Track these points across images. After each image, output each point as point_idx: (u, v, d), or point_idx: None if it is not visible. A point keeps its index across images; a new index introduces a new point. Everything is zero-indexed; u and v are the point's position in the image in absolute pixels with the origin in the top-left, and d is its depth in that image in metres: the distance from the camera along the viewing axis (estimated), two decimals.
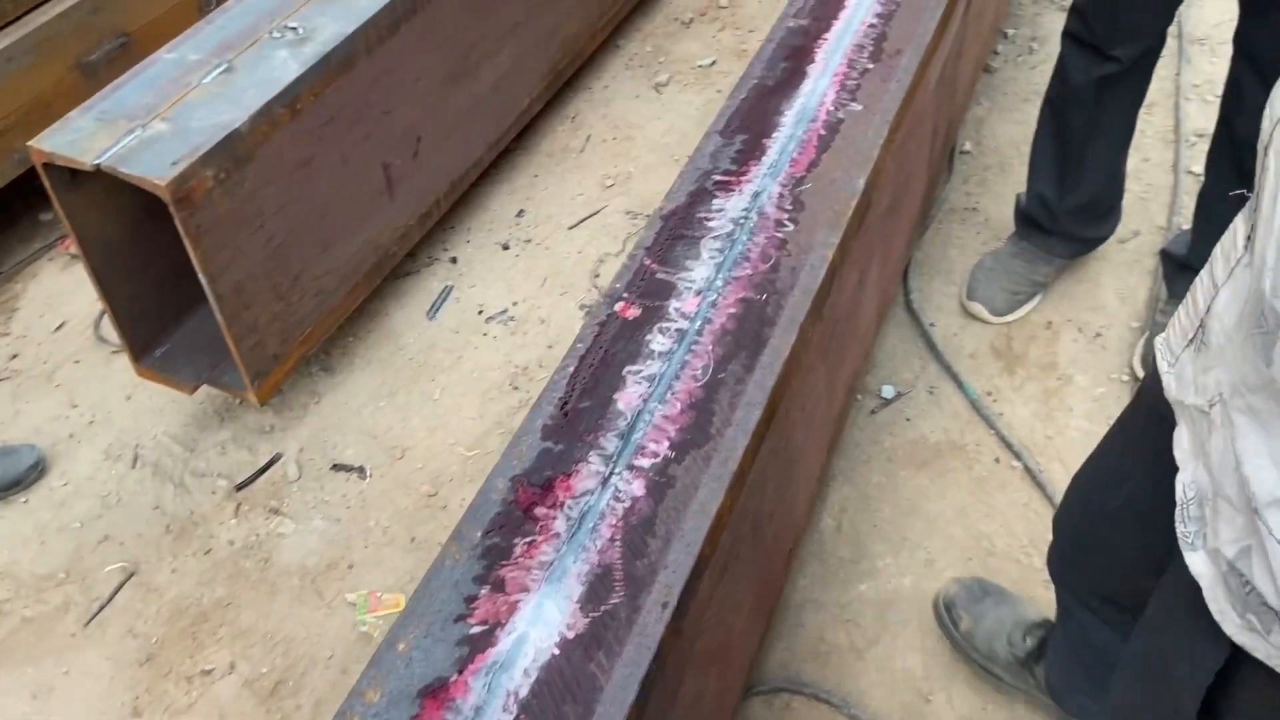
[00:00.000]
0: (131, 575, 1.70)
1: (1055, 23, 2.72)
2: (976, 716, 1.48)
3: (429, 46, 1.91)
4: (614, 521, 0.99)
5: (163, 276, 1.75)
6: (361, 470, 1.84)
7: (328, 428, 1.91)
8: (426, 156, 2.03)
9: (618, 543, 0.97)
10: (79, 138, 1.47)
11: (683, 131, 2.52)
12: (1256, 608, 0.69)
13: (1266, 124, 0.74)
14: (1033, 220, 2.01)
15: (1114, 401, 1.85)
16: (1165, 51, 1.84)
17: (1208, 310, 0.82)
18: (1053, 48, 2.65)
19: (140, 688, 1.56)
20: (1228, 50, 2.61)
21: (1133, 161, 2.31)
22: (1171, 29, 1.88)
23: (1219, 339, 0.79)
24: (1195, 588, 0.76)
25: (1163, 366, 0.88)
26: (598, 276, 2.18)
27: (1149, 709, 0.92)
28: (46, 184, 1.51)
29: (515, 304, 2.14)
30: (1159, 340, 0.88)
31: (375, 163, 1.88)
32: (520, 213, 2.35)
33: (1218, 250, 0.84)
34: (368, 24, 1.71)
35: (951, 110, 2.13)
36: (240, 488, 1.82)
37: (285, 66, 1.61)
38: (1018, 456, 1.79)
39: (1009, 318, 2.03)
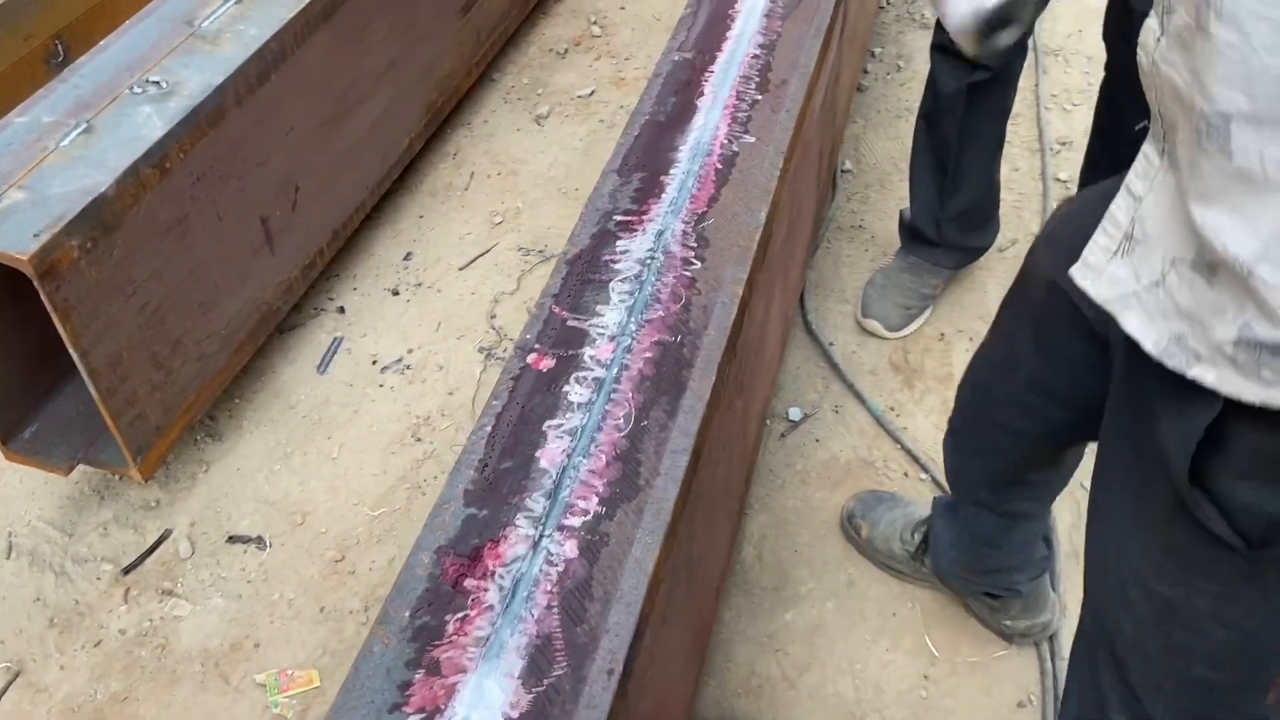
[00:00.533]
0: (16, 676, 1.57)
1: (919, 40, 2.82)
2: None
3: (301, 93, 1.84)
4: (549, 587, 0.95)
5: (27, 352, 1.63)
6: (260, 540, 1.74)
7: (220, 498, 1.81)
8: (306, 206, 1.95)
9: (555, 610, 0.93)
10: None
11: (568, 164, 2.50)
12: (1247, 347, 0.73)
13: (1143, 57, 0.80)
14: (918, 233, 2.07)
15: None
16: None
17: (1132, 220, 0.85)
18: (918, 65, 2.74)
19: None
20: (1080, 61, 2.76)
21: (1003, 171, 2.40)
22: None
23: (1153, 229, 0.82)
24: (1160, 374, 0.81)
25: (1086, 286, 0.90)
26: (494, 317, 2.14)
27: (1137, 512, 0.93)
28: None
29: (410, 351, 2.07)
30: (1075, 270, 0.90)
31: (252, 217, 1.79)
32: (408, 256, 2.28)
33: (1130, 178, 0.87)
34: (236, 74, 1.63)
35: (834, 132, 2.17)
36: (128, 571, 1.70)
37: (150, 124, 1.52)
38: (925, 469, 1.82)
39: (904, 332, 2.08)
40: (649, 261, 1.28)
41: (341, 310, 2.16)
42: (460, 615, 0.93)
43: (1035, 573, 1.50)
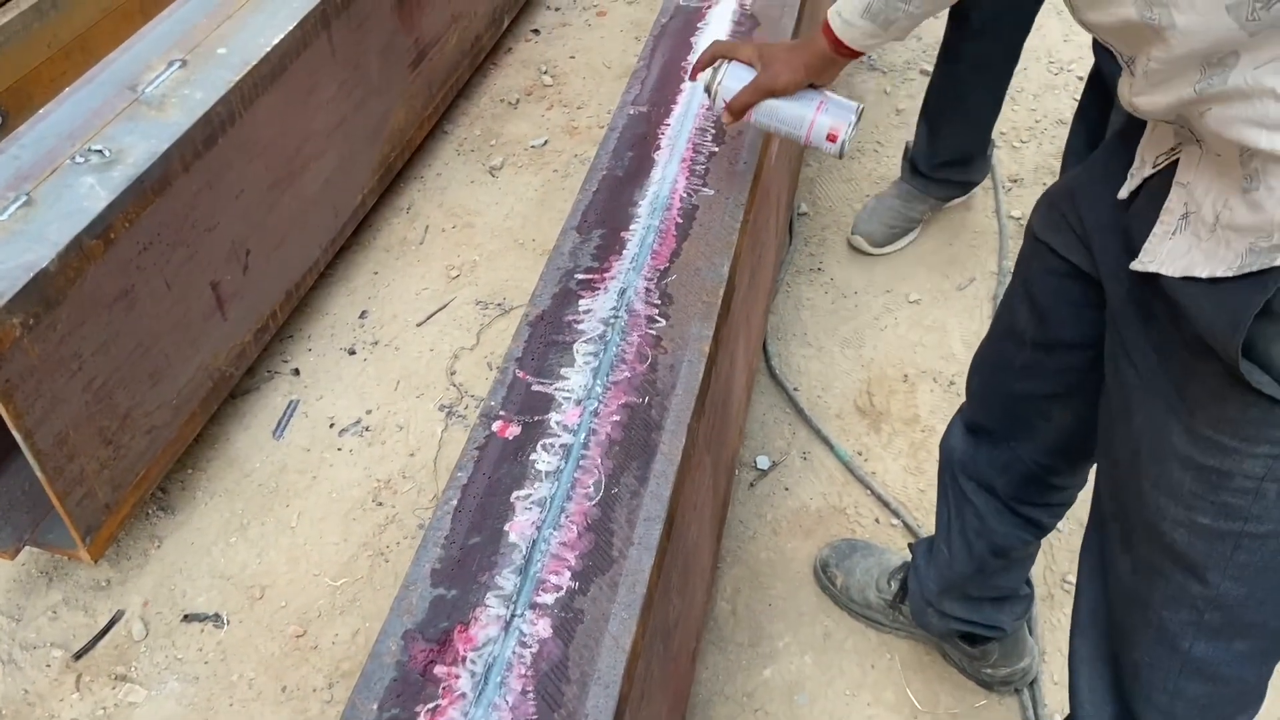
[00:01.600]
0: None
1: (869, 82, 2.85)
2: None
3: (250, 155, 1.80)
4: (523, 671, 0.91)
5: None
6: (217, 618, 1.68)
7: (174, 574, 1.74)
8: (258, 268, 1.91)
9: (531, 695, 0.90)
10: None
11: (523, 215, 2.48)
12: None
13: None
14: (914, 166, 2.29)
15: None
16: None
17: (1185, 202, 0.89)
18: (868, 107, 2.77)
19: None
20: (1027, 99, 2.80)
21: (959, 213, 2.43)
22: None
23: (1202, 194, 0.87)
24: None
25: (1155, 270, 0.92)
26: (454, 374, 2.10)
27: (1178, 400, 0.95)
28: None
29: (369, 412, 2.03)
30: (1136, 265, 0.93)
31: (202, 283, 1.75)
32: (363, 314, 2.24)
33: (1179, 174, 0.90)
34: (181, 140, 1.59)
35: (790, 177, 2.17)
36: (79, 656, 1.63)
37: (93, 194, 1.47)
38: (896, 514, 1.81)
39: (887, 249, 2.33)
40: (613, 321, 1.26)
41: (296, 372, 2.11)
42: (431, 705, 0.89)
43: (1019, 612, 1.49)
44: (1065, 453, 1.31)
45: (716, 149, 1.52)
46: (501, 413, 1.15)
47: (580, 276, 1.33)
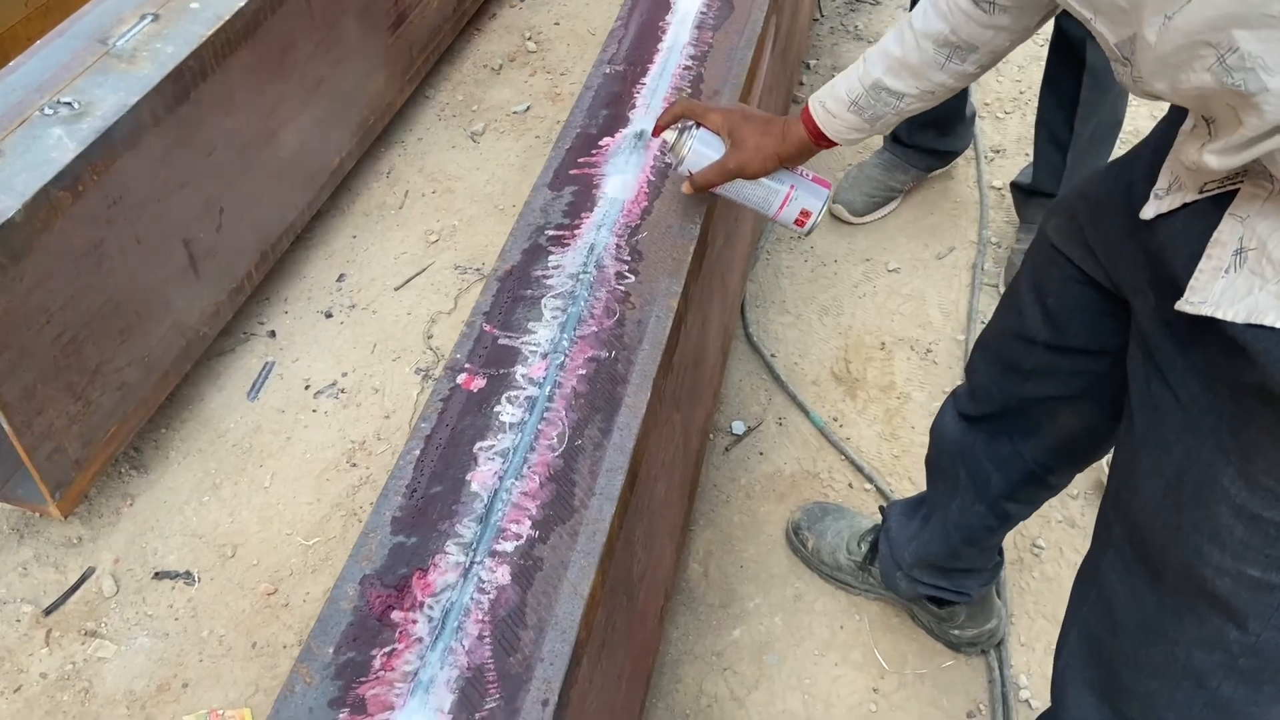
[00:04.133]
0: None
1: (854, 51, 2.84)
2: None
3: (223, 112, 1.78)
4: (481, 616, 0.91)
5: None
6: (188, 575, 1.67)
7: (145, 532, 1.74)
8: (232, 228, 1.89)
9: (487, 640, 0.90)
10: None
11: (504, 180, 2.47)
12: None
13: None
14: (895, 135, 2.29)
15: None
16: None
17: (1240, 237, 0.82)
18: None
19: None
20: (1011, 70, 2.79)
21: (940, 182, 2.42)
22: None
23: (1264, 228, 0.80)
24: None
25: (1210, 313, 0.85)
26: (431, 338, 2.09)
27: (1223, 425, 0.89)
28: None
29: (344, 375, 2.02)
30: (1183, 305, 0.85)
31: (174, 240, 1.73)
32: (341, 277, 2.23)
33: (1235, 207, 0.83)
34: (151, 94, 1.58)
35: None
36: (49, 612, 1.62)
37: (61, 146, 1.46)
38: (870, 479, 1.81)
39: (867, 218, 2.33)
40: (581, 276, 1.25)
41: (272, 334, 2.10)
42: (388, 649, 0.89)
43: (988, 579, 1.49)
44: (1069, 455, 1.29)
45: None
46: (467, 365, 1.15)
47: (551, 233, 1.32)
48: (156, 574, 1.67)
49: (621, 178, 1.39)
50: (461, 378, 1.14)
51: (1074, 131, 2.01)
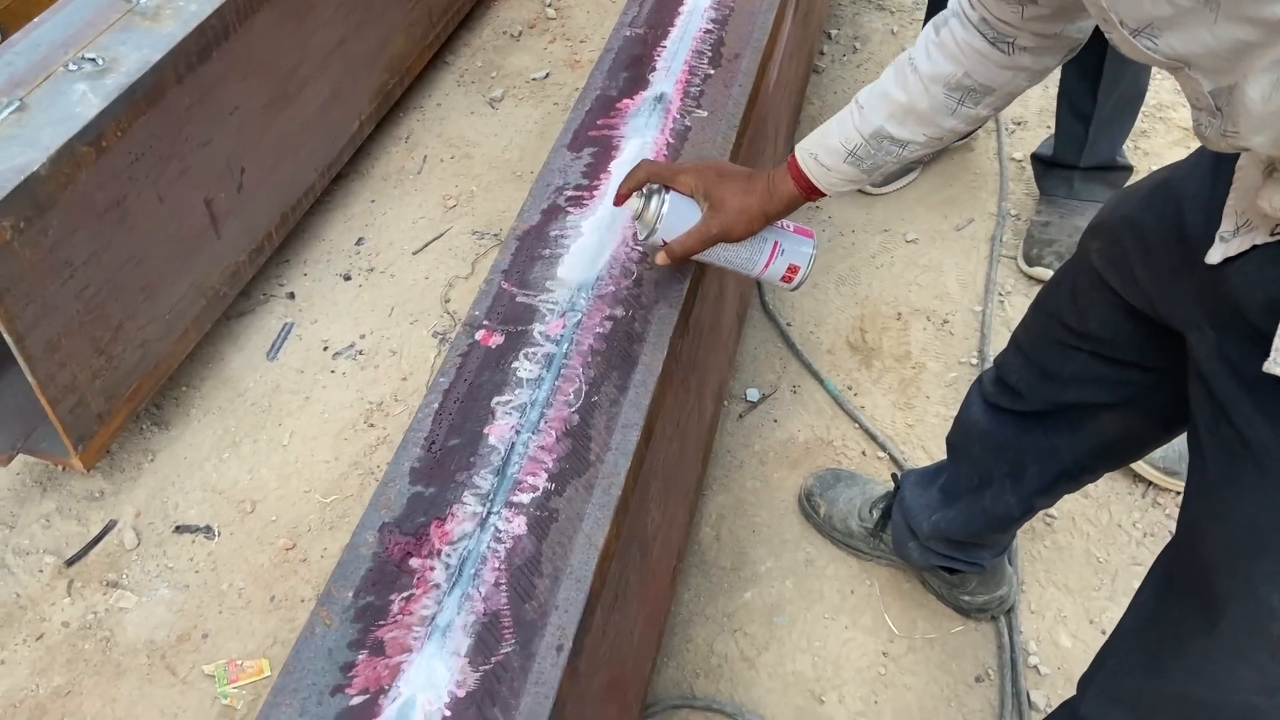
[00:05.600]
0: None
1: (875, 21, 2.82)
2: (869, 713, 1.49)
3: (245, 72, 1.79)
4: (497, 564, 0.93)
5: None
6: (208, 530, 1.70)
7: (166, 487, 1.77)
8: (253, 188, 1.91)
9: (503, 587, 0.91)
10: None
11: (522, 147, 2.47)
12: None
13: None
14: None
15: (965, 385, 1.90)
16: None
17: None
18: (874, 46, 2.74)
19: None
20: None
21: (960, 154, 2.41)
22: None
23: None
24: None
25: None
26: (449, 301, 2.11)
27: None
28: None
29: (363, 337, 2.04)
30: (1270, 365, 0.81)
31: (196, 199, 1.75)
32: (360, 240, 2.24)
33: None
34: (175, 51, 1.58)
35: (790, 111, 2.16)
36: (71, 563, 1.65)
37: (86, 101, 1.47)
38: (883, 448, 1.82)
39: (886, 189, 2.32)
40: (599, 236, 1.26)
41: (291, 296, 2.12)
42: (405, 594, 0.91)
43: (1000, 550, 1.50)
44: (1108, 456, 1.26)
45: (712, 71, 1.51)
46: (485, 322, 1.16)
47: (570, 193, 1.33)
48: (177, 528, 1.70)
49: (640, 139, 1.39)
50: (480, 334, 1.15)
51: (1097, 103, 2.00)
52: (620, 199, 1.14)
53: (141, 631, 1.57)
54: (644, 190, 1.12)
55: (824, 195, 1.08)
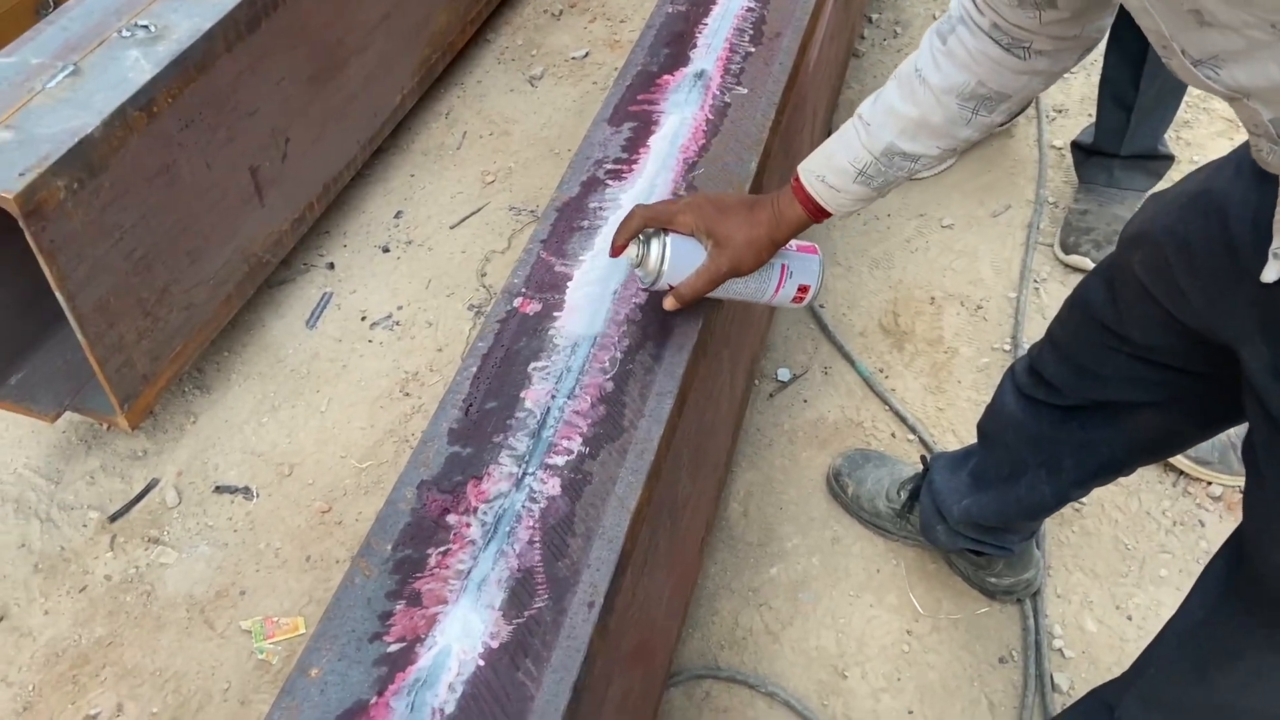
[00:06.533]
0: (0, 620, 1.57)
1: (917, 6, 2.80)
2: (891, 689, 1.50)
3: (292, 42, 1.82)
4: (531, 523, 0.95)
5: (14, 298, 1.63)
6: (247, 491, 1.74)
7: (207, 448, 1.81)
8: (296, 158, 1.94)
9: (537, 544, 0.94)
10: None
11: (560, 125, 2.49)
12: None
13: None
14: None
15: (998, 370, 1.91)
16: None
17: None
18: (915, 31, 2.73)
19: None
20: None
21: (999, 140, 2.40)
22: None
23: None
24: None
25: None
26: (485, 275, 2.13)
27: None
28: None
29: (400, 308, 2.07)
30: None
31: (242, 167, 1.78)
32: (399, 214, 2.27)
33: None
34: (225, 20, 1.61)
35: (829, 93, 2.16)
36: (114, 518, 1.70)
37: (138, 67, 1.50)
38: (913, 430, 1.82)
39: (929, 172, 2.29)
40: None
41: (331, 266, 2.15)
42: (442, 549, 0.93)
43: (1029, 535, 1.51)
44: (1148, 452, 1.25)
45: (753, 49, 1.52)
46: (524, 290, 1.18)
47: (609, 166, 1.35)
48: (217, 488, 1.74)
49: (680, 115, 1.41)
50: (518, 301, 1.17)
51: (1139, 91, 1.98)
52: (616, 250, 1.07)
53: (181, 586, 1.61)
54: (641, 236, 1.05)
55: (830, 216, 1.05)
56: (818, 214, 1.04)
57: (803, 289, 1.10)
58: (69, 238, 1.41)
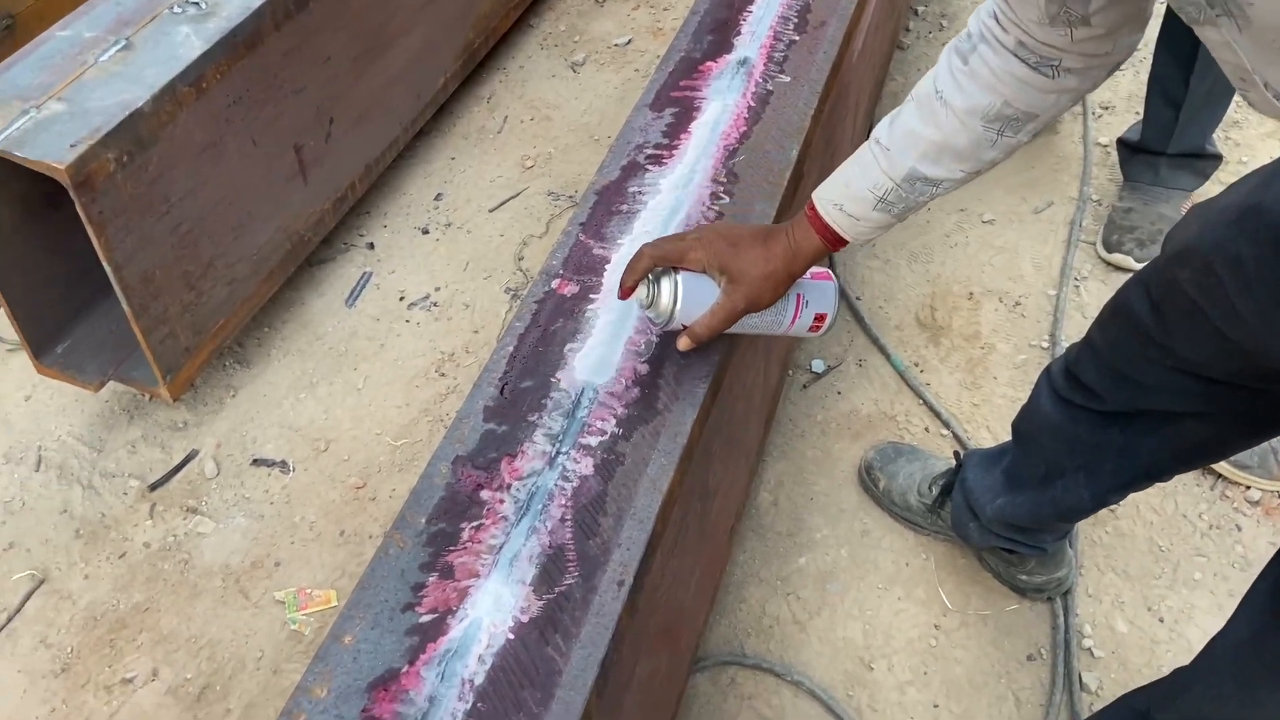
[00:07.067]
0: (41, 583, 1.61)
1: None
2: (917, 682, 1.50)
3: (339, 23, 1.84)
4: (564, 501, 0.96)
5: (62, 269, 1.66)
6: (284, 465, 1.77)
7: (246, 422, 1.84)
8: (340, 138, 1.96)
9: (569, 523, 0.95)
10: None
11: (601, 111, 2.49)
12: None
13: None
14: None
15: (1035, 367, 1.89)
16: None
17: None
18: (961, 25, 2.69)
19: (56, 700, 1.47)
20: None
21: (1044, 136, 2.37)
22: None
23: None
24: None
25: None
26: (522, 259, 2.14)
27: None
28: None
29: (437, 289, 2.08)
30: None
31: (286, 145, 1.80)
32: (438, 196, 2.29)
33: None
34: None
35: (872, 85, 2.15)
36: (154, 488, 1.73)
37: (188, 43, 1.52)
38: (946, 425, 1.81)
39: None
40: (676, 194, 1.28)
41: (371, 246, 2.17)
42: (475, 524, 0.94)
43: (1062, 534, 1.49)
44: (1189, 459, 1.24)
45: (797, 38, 1.51)
46: (561, 271, 1.19)
47: (650, 151, 1.35)
48: (255, 461, 1.77)
49: (722, 101, 1.41)
50: (555, 282, 1.18)
51: (1189, 89, 1.95)
52: (626, 291, 1.02)
53: (218, 556, 1.64)
54: (650, 276, 1.01)
55: (848, 245, 1.02)
56: (836, 243, 1.01)
57: (819, 318, 1.07)
58: (117, 209, 1.44)
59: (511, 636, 0.86)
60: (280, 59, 1.70)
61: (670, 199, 1.27)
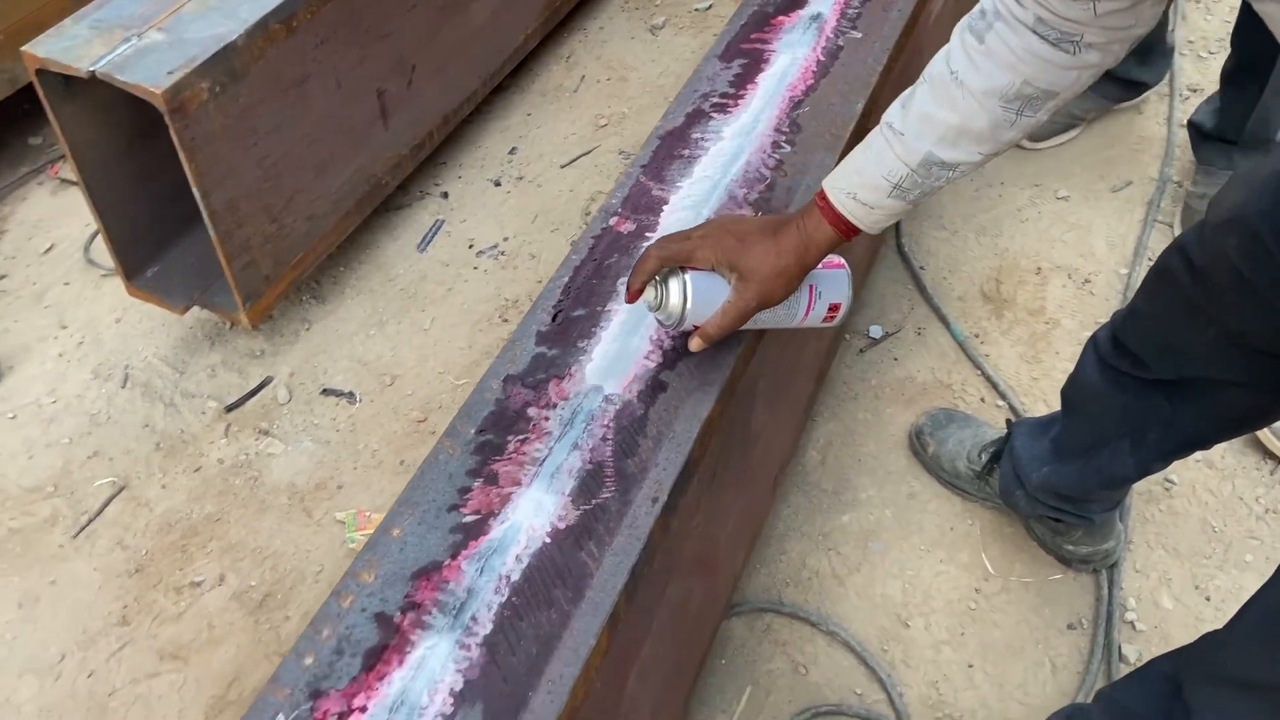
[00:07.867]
0: (121, 490, 1.71)
1: None
2: (953, 642, 1.51)
3: None
4: (606, 422, 1.00)
5: (155, 196, 1.75)
6: (351, 395, 1.84)
7: (318, 354, 1.92)
8: (421, 87, 2.02)
9: (609, 442, 0.98)
10: (74, 45, 1.46)
11: (677, 74, 2.51)
12: None
13: None
14: None
15: None
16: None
17: None
18: None
19: (129, 597, 1.57)
20: (1222, 9, 2.63)
21: (1127, 115, 2.33)
22: None
23: None
24: None
25: None
26: (589, 215, 2.18)
27: None
28: (40, 92, 1.49)
29: (506, 239, 2.14)
30: None
31: (370, 88, 1.86)
32: (513, 150, 2.34)
33: None
34: None
35: None
36: (230, 409, 1.82)
37: None
38: (1003, 396, 1.81)
39: (1045, 144, 2.27)
40: (739, 141, 1.30)
41: (445, 195, 2.23)
42: (521, 437, 0.99)
43: (1111, 505, 1.49)
44: (1234, 427, 1.24)
45: None
46: (620, 210, 1.23)
47: (715, 100, 1.37)
48: (324, 390, 1.85)
49: (791, 54, 1.42)
50: (613, 220, 1.21)
51: (1266, 78, 1.91)
52: (633, 295, 1.00)
53: (285, 475, 1.72)
54: (658, 278, 0.99)
55: (861, 234, 0.99)
56: (849, 233, 0.97)
57: (833, 308, 1.05)
58: (208, 137, 1.51)
59: (548, 540, 0.90)
60: (368, 3, 1.76)
61: (731, 145, 1.30)
